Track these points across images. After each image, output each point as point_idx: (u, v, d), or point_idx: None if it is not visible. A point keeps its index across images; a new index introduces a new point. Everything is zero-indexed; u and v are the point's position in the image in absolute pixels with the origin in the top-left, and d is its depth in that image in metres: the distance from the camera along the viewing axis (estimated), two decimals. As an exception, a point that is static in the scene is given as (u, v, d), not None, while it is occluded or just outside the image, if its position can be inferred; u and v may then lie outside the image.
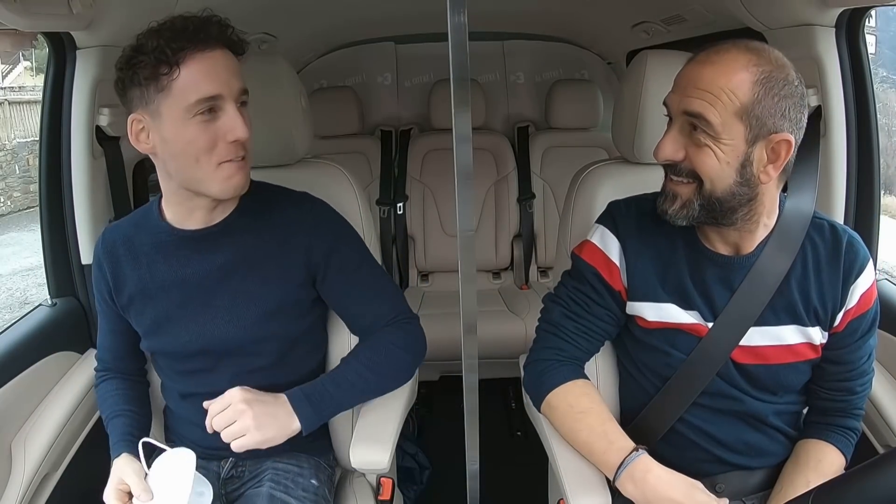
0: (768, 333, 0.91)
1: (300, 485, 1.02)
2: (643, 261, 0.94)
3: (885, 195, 1.22)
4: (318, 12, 1.87)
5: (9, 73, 10.03)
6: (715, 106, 0.80)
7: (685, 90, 0.83)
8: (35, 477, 1.08)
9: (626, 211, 0.98)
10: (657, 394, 0.95)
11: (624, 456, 0.86)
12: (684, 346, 0.92)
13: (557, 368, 0.96)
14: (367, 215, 1.19)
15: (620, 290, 0.96)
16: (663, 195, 0.90)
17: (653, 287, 0.94)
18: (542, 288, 2.34)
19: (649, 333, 0.95)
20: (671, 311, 0.93)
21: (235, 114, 0.88)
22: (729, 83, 0.80)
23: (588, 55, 2.63)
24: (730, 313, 0.90)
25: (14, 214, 7.66)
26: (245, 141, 0.90)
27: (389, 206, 2.39)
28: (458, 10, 0.55)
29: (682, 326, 0.92)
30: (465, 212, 0.71)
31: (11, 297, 5.17)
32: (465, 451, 0.97)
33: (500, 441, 2.02)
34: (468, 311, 0.79)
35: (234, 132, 0.88)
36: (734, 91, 0.80)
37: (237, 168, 0.91)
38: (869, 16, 1.18)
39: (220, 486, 1.04)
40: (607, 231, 0.98)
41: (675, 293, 0.93)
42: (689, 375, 0.92)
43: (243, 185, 0.93)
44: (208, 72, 0.86)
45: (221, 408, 0.92)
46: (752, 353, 0.91)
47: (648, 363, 0.97)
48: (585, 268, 0.98)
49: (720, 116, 0.80)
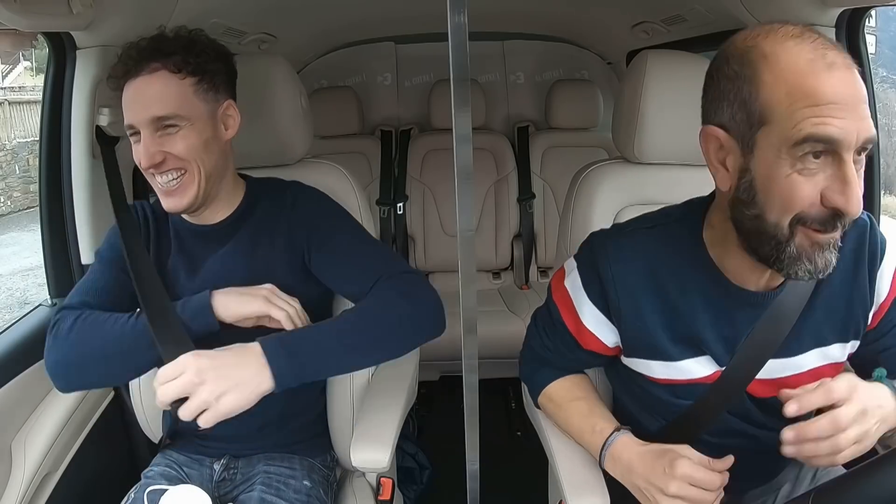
0: (789, 364, 0.81)
1: (292, 486, 1.02)
2: (644, 313, 0.80)
3: (885, 195, 1.22)
4: (318, 12, 1.87)
5: (9, 73, 10.03)
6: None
7: (856, 110, 0.62)
8: (35, 477, 1.08)
9: (616, 258, 0.81)
10: (658, 432, 0.86)
11: (606, 436, 0.84)
12: (691, 395, 0.83)
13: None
14: (367, 215, 1.19)
15: (601, 350, 0.87)
16: (803, 260, 0.68)
17: (659, 343, 0.81)
18: (542, 288, 2.30)
19: (656, 386, 0.85)
20: (678, 367, 0.81)
21: (144, 142, 0.91)
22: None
23: (588, 55, 2.63)
24: (747, 351, 0.79)
25: (14, 214, 7.67)
26: (162, 164, 0.92)
27: (389, 206, 2.39)
28: (458, 11, 0.55)
29: (695, 381, 0.82)
30: (464, 212, 0.70)
31: (11, 296, 5.17)
32: (465, 451, 0.97)
33: (500, 441, 2.02)
34: (468, 310, 0.79)
35: (138, 160, 0.92)
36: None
37: (168, 192, 0.94)
38: (869, 16, 1.18)
39: (213, 488, 1.04)
40: (582, 286, 0.84)
41: (685, 342, 0.80)
42: (695, 416, 0.83)
43: (179, 208, 0.95)
44: (128, 101, 0.92)
45: (173, 375, 0.81)
46: (771, 386, 0.81)
47: (650, 407, 0.88)
48: (557, 317, 0.89)
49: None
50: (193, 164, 0.93)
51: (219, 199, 1.01)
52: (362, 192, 1.21)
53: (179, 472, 1.04)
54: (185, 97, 0.92)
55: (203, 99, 0.94)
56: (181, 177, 0.93)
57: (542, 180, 2.42)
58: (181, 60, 0.92)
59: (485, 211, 2.39)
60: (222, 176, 0.99)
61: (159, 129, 0.91)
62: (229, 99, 0.99)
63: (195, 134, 0.93)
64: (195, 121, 0.93)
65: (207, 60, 0.94)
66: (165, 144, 0.91)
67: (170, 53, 0.91)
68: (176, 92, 0.91)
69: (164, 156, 0.92)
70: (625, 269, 0.81)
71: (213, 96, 0.96)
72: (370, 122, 2.60)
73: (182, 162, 0.93)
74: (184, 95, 0.92)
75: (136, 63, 0.90)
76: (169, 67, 0.91)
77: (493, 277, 2.45)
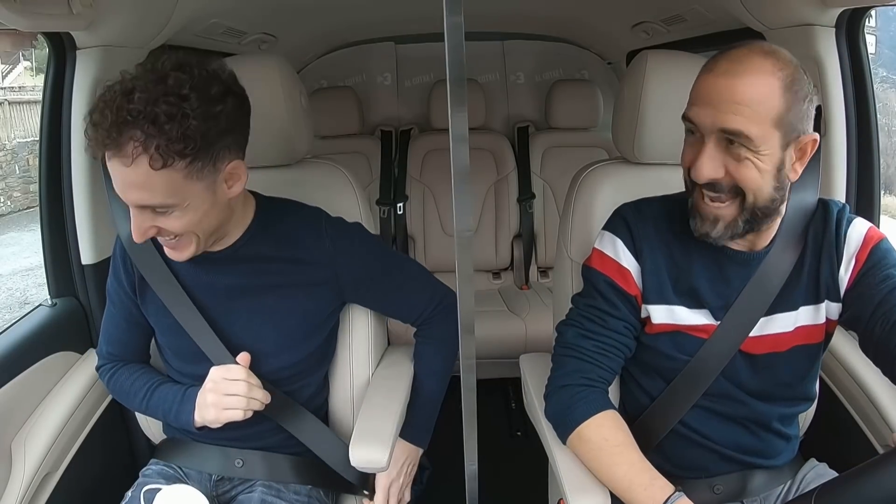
0: (779, 320, 0.91)
1: (291, 488, 1.03)
2: (657, 264, 0.93)
3: (884, 195, 1.22)
4: (318, 12, 1.87)
5: (9, 73, 10.05)
6: (754, 120, 0.78)
7: (719, 106, 0.79)
8: (35, 477, 1.08)
9: (638, 215, 0.96)
10: (660, 395, 0.94)
11: (669, 494, 0.82)
12: (689, 349, 0.92)
13: (586, 397, 0.90)
14: (368, 215, 1.19)
15: (636, 293, 0.94)
16: (699, 218, 0.87)
17: (665, 289, 0.93)
18: (542, 288, 2.34)
19: (655, 338, 0.94)
20: (679, 313, 0.92)
21: (135, 218, 0.83)
22: (763, 94, 0.78)
23: (588, 55, 2.63)
24: (739, 307, 0.90)
25: (14, 214, 7.69)
26: (158, 234, 0.86)
27: (389, 206, 2.39)
28: (455, 11, 0.55)
29: (688, 328, 0.92)
30: (462, 212, 0.70)
31: (11, 296, 5.18)
32: (465, 451, 0.97)
33: (500, 441, 2.02)
34: (465, 311, 0.79)
35: (129, 232, 0.86)
36: (769, 101, 0.78)
37: (167, 246, 0.90)
38: (869, 16, 1.18)
39: (212, 487, 1.04)
40: (616, 237, 0.95)
41: (686, 294, 0.92)
42: (694, 375, 0.91)
43: (181, 259, 0.90)
44: (112, 175, 0.80)
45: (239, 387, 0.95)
46: (762, 343, 0.91)
47: (652, 365, 0.96)
48: (597, 278, 0.95)
49: (760, 129, 0.78)
50: (191, 233, 0.87)
51: (224, 234, 0.96)
52: (362, 192, 1.21)
53: (178, 472, 1.05)
54: (175, 185, 0.79)
55: (198, 178, 0.81)
56: (179, 237, 0.87)
57: (542, 180, 2.42)
58: (165, 146, 0.75)
59: (485, 211, 2.39)
60: (228, 220, 0.93)
61: (149, 210, 0.82)
62: (234, 160, 0.86)
63: (191, 213, 0.83)
64: (190, 201, 0.82)
65: (203, 127, 0.78)
66: (158, 220, 0.83)
67: (149, 135, 0.75)
68: (161, 183, 0.78)
69: (158, 229, 0.85)
70: (644, 223, 0.95)
71: (212, 169, 0.82)
72: (370, 122, 2.60)
73: (178, 233, 0.86)
74: (172, 184, 0.79)
75: (110, 140, 0.75)
76: (150, 155, 0.75)
77: (493, 277, 2.45)
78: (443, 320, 1.10)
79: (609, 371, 0.94)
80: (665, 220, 0.94)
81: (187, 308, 0.97)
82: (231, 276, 0.98)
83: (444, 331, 1.10)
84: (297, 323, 1.00)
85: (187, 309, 0.97)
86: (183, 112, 0.76)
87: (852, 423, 1.12)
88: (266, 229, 0.99)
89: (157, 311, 1.00)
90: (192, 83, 0.78)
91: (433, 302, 1.10)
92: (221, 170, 0.84)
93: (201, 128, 0.78)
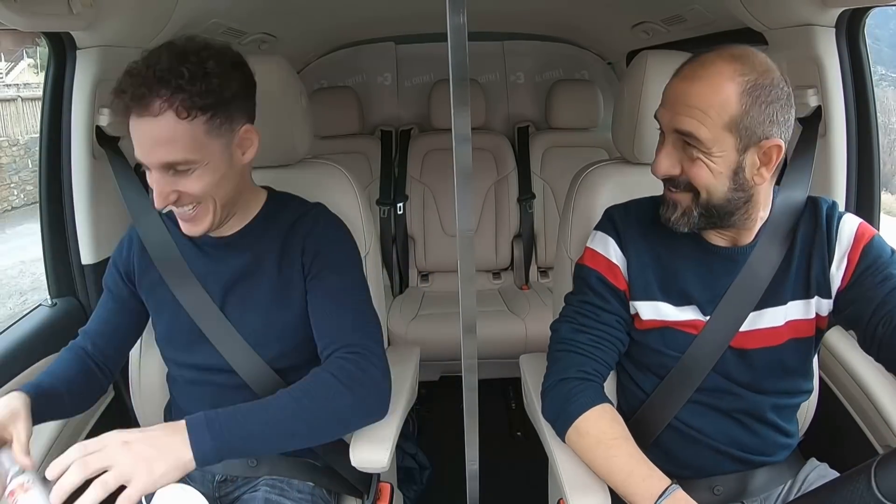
0: (769, 315, 0.92)
1: (295, 486, 1.02)
2: (643, 262, 0.96)
3: (883, 193, 1.22)
4: (318, 12, 1.87)
5: (11, 69, 10.07)
6: (704, 123, 0.81)
7: (674, 108, 0.84)
8: (35, 477, 1.08)
9: (625, 215, 1.00)
10: (654, 391, 0.96)
11: (666, 486, 0.82)
12: (680, 345, 0.93)
13: (583, 391, 0.91)
14: (368, 215, 1.19)
15: (624, 288, 0.97)
16: (665, 204, 0.92)
17: (650, 286, 0.95)
18: (542, 288, 2.34)
19: (645, 334, 0.96)
20: (664, 310, 0.94)
21: (157, 181, 0.87)
22: (716, 98, 0.80)
23: (588, 55, 2.63)
24: (728, 303, 0.92)
25: (28, 207, 7.99)
26: (177, 201, 0.89)
27: (389, 206, 2.39)
28: (458, 11, 0.55)
29: (676, 324, 0.94)
30: (464, 212, 0.71)
31: (37, 280, 5.45)
32: (465, 451, 0.97)
33: (500, 441, 2.02)
34: (467, 311, 0.79)
35: (152, 199, 0.89)
36: (722, 106, 0.80)
37: (184, 219, 0.93)
38: (869, 16, 1.18)
39: (214, 488, 1.04)
40: (606, 235, 0.99)
41: (672, 291, 0.94)
42: (686, 371, 0.93)
43: (196, 233, 0.93)
44: (135, 138, 0.86)
45: (92, 450, 0.74)
46: (753, 337, 0.92)
47: (645, 362, 0.97)
48: (588, 273, 0.99)
49: (710, 132, 0.82)
50: (209, 198, 0.91)
51: (235, 214, 0.99)
52: (362, 192, 1.21)
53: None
54: (197, 139, 0.85)
55: (217, 135, 0.87)
56: (197, 206, 0.91)
57: (542, 180, 2.42)
58: (189, 99, 0.83)
59: (485, 211, 2.39)
60: (240, 195, 0.97)
61: (171, 169, 0.86)
62: (247, 123, 0.92)
63: (210, 173, 0.88)
64: (210, 160, 0.87)
65: (222, 86, 0.86)
66: (179, 184, 0.88)
67: (176, 89, 0.82)
68: (186, 135, 0.84)
69: (179, 194, 0.89)
70: (633, 226, 0.98)
71: (229, 128, 0.89)
72: (370, 122, 2.61)
73: (197, 197, 0.90)
74: (195, 138, 0.85)
75: (137, 100, 0.82)
76: (175, 108, 0.83)
77: (493, 278, 2.45)
78: (341, 367, 0.90)
79: (604, 364, 0.95)
80: (651, 220, 0.96)
81: (192, 286, 0.99)
82: (234, 261, 1.00)
83: (336, 378, 0.89)
84: (295, 313, 1.00)
85: (192, 288, 0.99)
86: (205, 71, 0.84)
87: (852, 423, 1.12)
88: (271, 220, 1.02)
89: (154, 289, 1.02)
90: (209, 51, 0.87)
91: (344, 343, 0.93)
92: (237, 131, 0.91)
93: (221, 85, 0.86)
